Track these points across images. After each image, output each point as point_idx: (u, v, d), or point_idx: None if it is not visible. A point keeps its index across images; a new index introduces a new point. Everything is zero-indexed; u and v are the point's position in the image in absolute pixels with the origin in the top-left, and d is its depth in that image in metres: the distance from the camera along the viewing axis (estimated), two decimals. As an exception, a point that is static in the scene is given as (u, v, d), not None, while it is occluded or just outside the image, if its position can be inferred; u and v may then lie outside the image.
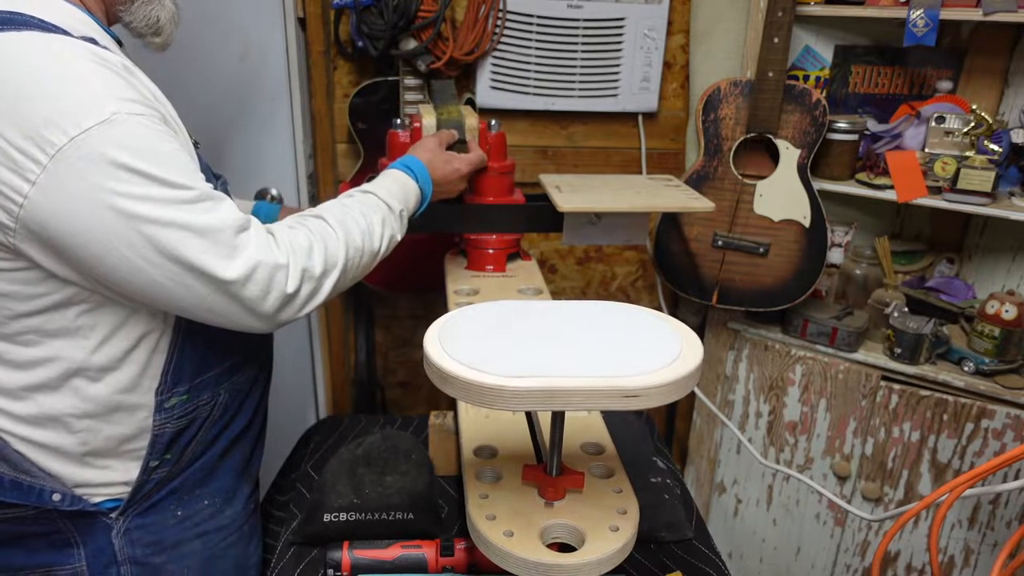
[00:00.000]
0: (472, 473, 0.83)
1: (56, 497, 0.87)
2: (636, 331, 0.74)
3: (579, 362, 0.67)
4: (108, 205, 0.73)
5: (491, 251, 1.33)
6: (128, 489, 0.91)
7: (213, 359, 0.95)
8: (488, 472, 0.83)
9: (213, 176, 0.92)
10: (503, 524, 0.74)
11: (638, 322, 0.76)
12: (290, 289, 0.84)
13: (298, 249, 0.86)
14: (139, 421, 0.89)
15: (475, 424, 0.93)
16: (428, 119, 1.26)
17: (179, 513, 0.96)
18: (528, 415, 0.95)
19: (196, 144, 0.92)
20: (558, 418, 0.76)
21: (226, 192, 0.93)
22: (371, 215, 0.98)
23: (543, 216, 1.33)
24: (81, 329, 0.83)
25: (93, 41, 0.79)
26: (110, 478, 0.90)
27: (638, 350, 0.70)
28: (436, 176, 1.15)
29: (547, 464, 0.79)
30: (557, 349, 0.69)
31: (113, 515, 0.91)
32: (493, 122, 1.29)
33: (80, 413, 0.86)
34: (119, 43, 0.90)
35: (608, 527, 0.75)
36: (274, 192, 1.75)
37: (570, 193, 1.30)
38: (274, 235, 0.85)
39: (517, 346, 0.69)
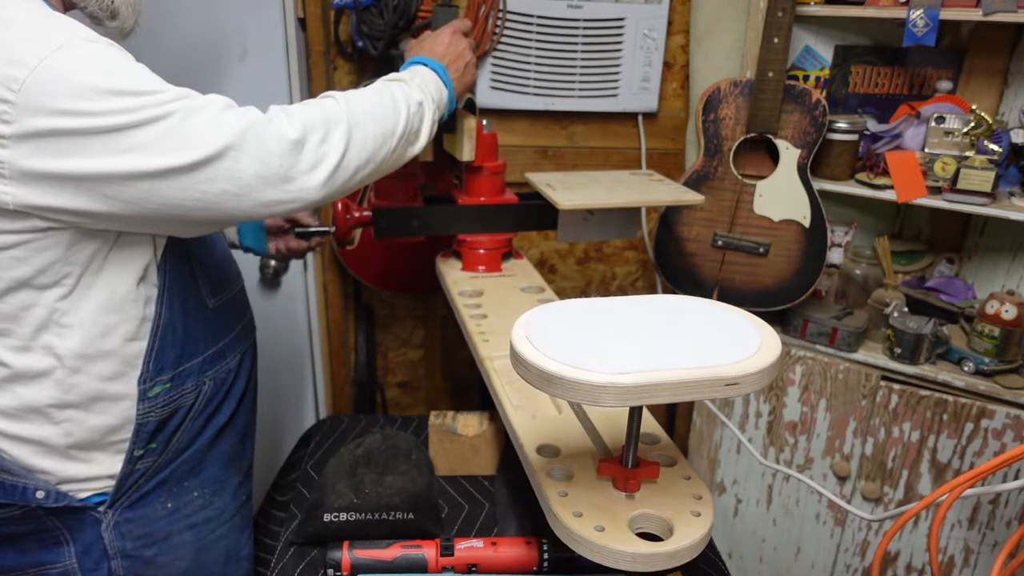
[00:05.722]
0: (543, 473, 0.82)
1: (40, 495, 0.86)
2: (709, 322, 0.74)
3: (674, 354, 0.67)
4: (86, 127, 0.73)
5: (483, 251, 1.33)
6: (114, 482, 0.91)
7: (194, 347, 0.94)
8: (558, 470, 0.83)
9: None
10: (591, 520, 0.74)
11: (706, 313, 0.76)
12: (292, 135, 0.83)
13: (289, 108, 0.86)
14: (123, 411, 0.89)
15: (526, 425, 0.92)
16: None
17: (169, 505, 0.96)
18: (574, 409, 0.94)
19: None
20: (635, 412, 0.76)
21: None
22: (377, 87, 0.98)
23: (536, 214, 1.33)
24: (55, 314, 0.82)
25: None
26: (96, 472, 0.90)
27: (721, 339, 0.70)
28: (446, 60, 1.14)
29: (623, 457, 0.79)
30: (646, 343, 0.69)
31: (101, 509, 0.91)
32: (484, 122, 1.29)
33: (62, 404, 0.85)
34: None
35: (690, 513, 0.75)
36: None
37: (565, 191, 1.30)
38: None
39: (607, 343, 0.69)
